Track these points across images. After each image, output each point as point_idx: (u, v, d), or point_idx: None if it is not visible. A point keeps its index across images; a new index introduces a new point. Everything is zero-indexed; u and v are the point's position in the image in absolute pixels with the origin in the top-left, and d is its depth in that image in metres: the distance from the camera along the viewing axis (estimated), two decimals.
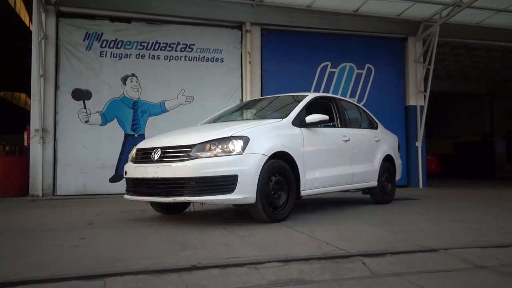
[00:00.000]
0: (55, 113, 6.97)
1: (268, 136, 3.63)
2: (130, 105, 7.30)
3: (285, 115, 4.06)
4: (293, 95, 4.87)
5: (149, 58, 7.40)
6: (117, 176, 7.02)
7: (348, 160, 4.64)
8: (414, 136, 8.69)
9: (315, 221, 3.77)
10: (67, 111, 7.01)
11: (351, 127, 4.95)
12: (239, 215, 4.33)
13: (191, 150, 3.35)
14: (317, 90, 8.16)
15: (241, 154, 3.32)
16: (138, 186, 3.69)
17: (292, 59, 8.07)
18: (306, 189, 3.91)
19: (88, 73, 7.13)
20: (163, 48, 7.47)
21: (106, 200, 6.24)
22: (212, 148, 3.34)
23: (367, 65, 8.57)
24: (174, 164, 3.35)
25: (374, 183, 5.07)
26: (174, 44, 7.53)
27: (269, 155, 3.48)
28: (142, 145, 3.96)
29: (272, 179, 3.54)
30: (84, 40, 7.15)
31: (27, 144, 7.00)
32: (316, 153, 4.14)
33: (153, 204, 4.17)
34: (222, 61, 7.76)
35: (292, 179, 3.72)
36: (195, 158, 3.31)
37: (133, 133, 7.25)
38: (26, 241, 2.90)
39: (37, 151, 6.76)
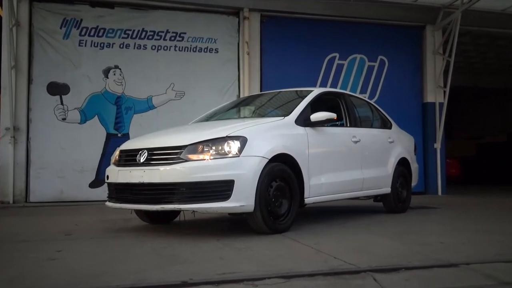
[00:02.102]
0: (28, 109, 6.96)
1: (268, 136, 3.64)
2: (113, 100, 7.30)
3: (288, 113, 4.07)
4: (296, 91, 4.88)
5: (134, 48, 7.41)
6: (98, 180, 7.01)
7: (358, 163, 4.65)
8: (432, 136, 8.71)
9: (321, 232, 3.77)
10: (41, 107, 7.01)
11: (361, 126, 4.96)
12: (235, 225, 4.33)
13: (181, 152, 3.36)
14: (323, 84, 8.17)
15: (238, 156, 3.33)
16: (122, 192, 3.69)
17: (295, 50, 8.07)
18: (311, 196, 3.92)
19: (65, 65, 7.13)
20: (150, 37, 7.48)
21: (86, 207, 6.23)
22: (205, 149, 3.35)
23: (380, 57, 8.59)
24: (162, 168, 3.36)
25: (387, 189, 5.08)
26: (163, 32, 7.53)
27: (269, 157, 3.48)
28: (126, 146, 3.96)
29: (273, 185, 3.54)
30: (61, 28, 7.14)
31: None
32: (322, 156, 4.14)
33: (138, 212, 4.17)
34: (217, 51, 7.76)
35: (295, 185, 3.73)
36: (186, 161, 3.31)
37: (116, 132, 7.25)
38: None
39: (7, 152, 6.75)
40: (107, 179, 3.86)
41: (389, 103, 7.89)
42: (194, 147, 3.37)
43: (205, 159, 3.31)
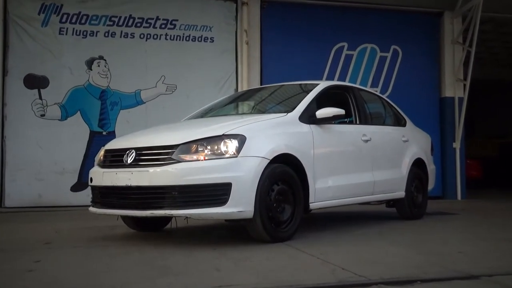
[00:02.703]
0: (3, 104, 6.95)
1: (269, 134, 3.65)
2: (97, 95, 7.29)
3: (291, 109, 4.08)
4: (300, 84, 4.89)
5: (120, 36, 7.40)
6: (81, 183, 7.01)
7: (368, 165, 4.66)
8: (451, 135, 8.72)
9: (327, 240, 3.78)
10: (18, 102, 6.99)
11: (372, 123, 4.98)
12: (233, 232, 4.33)
13: (173, 152, 3.37)
14: (330, 77, 8.17)
15: (236, 157, 3.34)
16: (107, 196, 3.70)
17: (299, 39, 8.06)
18: (317, 200, 3.93)
19: (44, 55, 7.12)
20: (138, 25, 7.47)
21: (67, 213, 6.24)
22: (200, 149, 3.36)
23: (393, 46, 8.59)
24: (151, 169, 3.36)
25: (401, 193, 5.09)
26: (152, 19, 7.53)
27: (270, 158, 3.49)
28: (112, 145, 3.96)
29: (274, 189, 3.55)
30: (39, 14, 7.13)
31: None
32: (329, 156, 4.16)
33: (125, 219, 4.17)
34: (212, 40, 7.76)
35: (299, 188, 3.74)
36: (178, 161, 3.32)
37: (100, 130, 7.25)
38: None
39: None
40: (91, 182, 3.87)
41: (403, 98, 7.87)
42: (187, 147, 3.38)
43: (199, 160, 3.32)
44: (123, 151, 3.63)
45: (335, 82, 5.62)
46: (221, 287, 2.33)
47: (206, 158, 3.32)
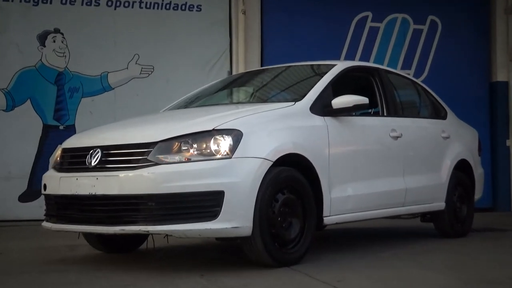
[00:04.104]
0: None
1: (272, 129, 3.64)
2: (52, 79, 7.28)
3: (300, 97, 4.06)
4: (312, 65, 4.87)
5: (82, 4, 7.38)
6: (32, 191, 7.00)
7: (399, 168, 4.67)
8: (504, 130, 8.71)
9: (346, 264, 3.78)
10: None
11: (404, 116, 4.96)
12: (225, 254, 4.32)
13: (149, 152, 3.35)
14: (350, 56, 8.17)
15: (230, 158, 3.33)
16: (66, 208, 3.68)
17: (310, 8, 8.05)
18: (333, 214, 3.92)
19: None
20: None
21: (14, 230, 6.23)
22: (183, 148, 3.35)
23: (431, 17, 8.58)
24: (122, 174, 3.36)
25: (440, 204, 5.09)
26: None
27: (274, 160, 3.48)
28: (71, 142, 3.95)
29: (279, 198, 3.54)
30: None
31: None
32: (349, 158, 4.15)
33: (89, 237, 4.16)
34: (200, 9, 7.75)
35: (310, 198, 3.73)
36: (156, 164, 3.31)
37: (57, 123, 7.24)
38: None
39: None
40: (45, 189, 3.85)
41: (443, 83, 7.88)
42: (167, 145, 3.37)
43: (183, 162, 3.31)
44: (85, 151, 3.61)
45: (356, 63, 5.58)
46: None
47: (192, 159, 3.31)
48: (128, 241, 4.31)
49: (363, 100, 4.06)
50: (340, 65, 4.54)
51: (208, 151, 3.34)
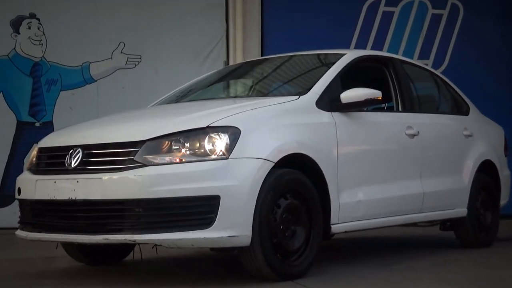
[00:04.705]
0: None
1: (274, 126, 3.64)
2: (27, 70, 7.28)
3: (305, 90, 4.06)
4: (319, 54, 4.88)
5: None
6: (4, 196, 7.00)
7: (415, 170, 4.66)
8: None
9: (356, 278, 3.77)
10: None
11: (421, 111, 4.96)
12: (221, 267, 4.31)
13: (136, 152, 3.34)
14: (361, 45, 8.17)
15: (226, 158, 3.32)
16: (42, 215, 3.68)
17: None
18: (342, 221, 3.92)
19: None
20: None
21: None
22: (174, 147, 3.34)
23: (451, 0, 8.56)
24: (106, 176, 3.34)
25: (461, 211, 5.08)
26: None
27: (275, 161, 3.47)
28: (49, 141, 3.95)
29: (281, 204, 3.54)
30: None
31: None
32: (360, 158, 4.15)
33: (69, 247, 4.15)
34: None
35: (316, 203, 3.72)
36: (144, 165, 3.30)
37: (32, 119, 7.24)
38: None
39: None
40: (19, 194, 3.84)
41: (465, 75, 7.87)
42: (156, 144, 3.36)
43: (174, 163, 3.30)
44: (64, 150, 3.59)
45: (368, 52, 5.59)
46: None
47: (183, 160, 3.30)
48: (113, 252, 4.29)
49: (375, 93, 4.05)
50: (350, 55, 4.54)
51: (202, 151, 3.33)
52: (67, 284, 3.65)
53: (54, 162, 3.68)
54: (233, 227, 3.27)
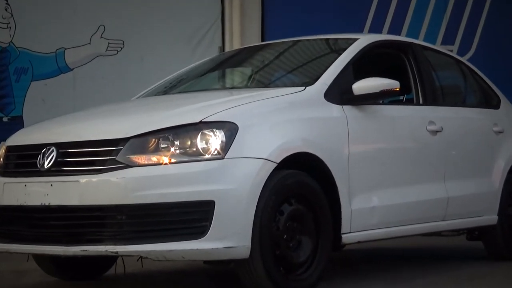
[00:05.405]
0: None
1: (276, 122, 3.65)
2: None
3: (312, 80, 4.08)
4: (328, 39, 4.89)
5: None
6: None
7: (438, 171, 4.68)
8: None
9: None
10: None
11: (445, 104, 4.98)
12: (216, 282, 4.30)
13: (119, 151, 3.34)
14: (375, 29, 8.21)
15: (222, 158, 3.32)
16: (11, 223, 3.69)
17: None
18: (354, 230, 3.92)
19: None
20: None
21: None
22: (163, 146, 3.34)
23: None
24: (84, 179, 3.34)
25: (491, 218, 5.08)
26: None
27: (278, 161, 3.47)
28: (18, 139, 3.96)
29: (285, 210, 3.55)
30: None
31: None
32: (375, 158, 4.18)
33: (41, 260, 4.16)
34: None
35: (324, 210, 3.73)
36: (128, 166, 3.31)
37: (0, 114, 7.24)
38: None
39: None
40: None
41: (495, 63, 7.90)
42: (141, 142, 3.36)
43: (161, 164, 3.30)
44: (36, 149, 3.59)
45: (383, 36, 5.60)
46: None
47: (173, 160, 3.30)
48: (91, 265, 4.29)
49: (393, 84, 4.06)
50: (363, 40, 4.55)
51: (194, 149, 3.33)
52: None
53: (24, 162, 3.69)
54: (229, 236, 3.27)
